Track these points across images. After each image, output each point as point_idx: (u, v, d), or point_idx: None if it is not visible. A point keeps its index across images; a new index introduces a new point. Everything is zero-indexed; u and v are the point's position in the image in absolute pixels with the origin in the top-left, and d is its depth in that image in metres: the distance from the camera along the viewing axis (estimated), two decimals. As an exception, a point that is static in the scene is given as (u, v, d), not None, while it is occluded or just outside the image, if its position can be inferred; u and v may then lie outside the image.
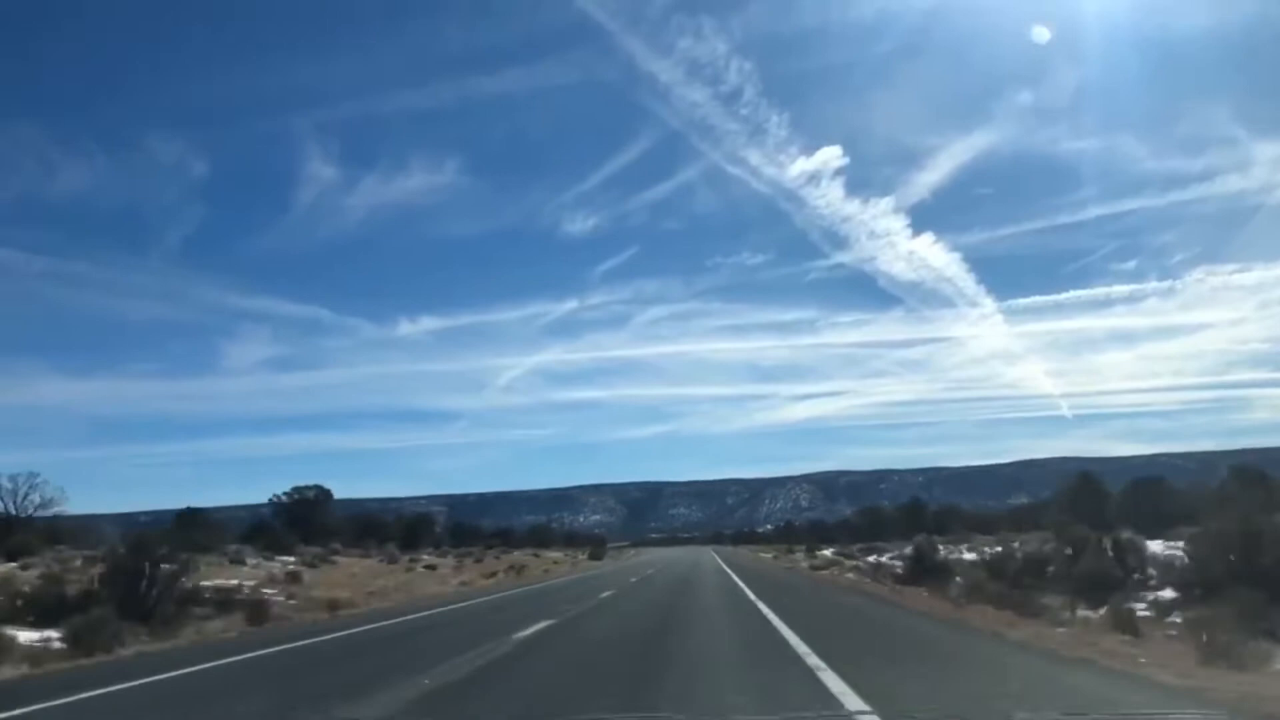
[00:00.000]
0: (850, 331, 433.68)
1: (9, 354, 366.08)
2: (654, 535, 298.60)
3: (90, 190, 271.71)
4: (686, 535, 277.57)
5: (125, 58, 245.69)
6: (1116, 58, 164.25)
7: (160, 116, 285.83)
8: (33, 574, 26.96)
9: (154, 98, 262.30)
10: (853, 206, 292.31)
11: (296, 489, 71.31)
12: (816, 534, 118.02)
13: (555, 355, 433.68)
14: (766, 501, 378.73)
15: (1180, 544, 23.67)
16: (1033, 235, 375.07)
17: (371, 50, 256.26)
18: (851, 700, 6.75)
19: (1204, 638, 9.92)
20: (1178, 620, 14.87)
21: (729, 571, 38.63)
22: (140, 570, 18.42)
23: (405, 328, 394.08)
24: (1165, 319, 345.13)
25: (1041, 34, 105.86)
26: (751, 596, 21.46)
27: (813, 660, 9.15)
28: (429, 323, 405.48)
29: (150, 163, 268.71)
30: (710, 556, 69.94)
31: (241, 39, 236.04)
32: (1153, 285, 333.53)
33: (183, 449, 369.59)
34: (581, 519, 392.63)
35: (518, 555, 69.11)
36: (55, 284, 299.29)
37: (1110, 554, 23.83)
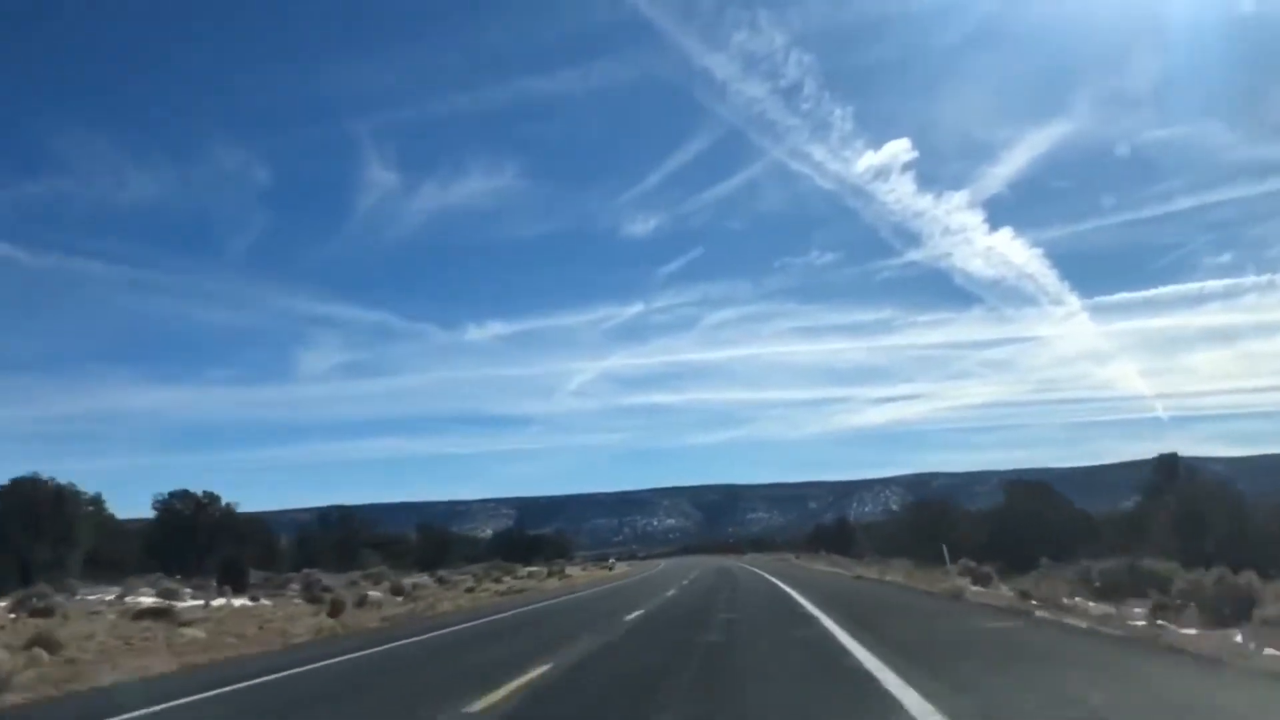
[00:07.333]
0: (929, 332, 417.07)
1: (93, 361, 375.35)
2: (730, 540, 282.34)
3: (159, 200, 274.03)
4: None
5: (186, 67, 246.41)
6: (1203, 38, 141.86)
7: (222, 125, 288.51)
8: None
9: (215, 106, 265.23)
10: (924, 201, 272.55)
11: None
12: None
13: (624, 359, 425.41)
14: (854, 504, 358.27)
15: None
16: (1118, 229, 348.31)
17: (423, 54, 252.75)
18: None
19: None
20: None
21: None
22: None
23: (473, 332, 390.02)
24: (1266, 315, 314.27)
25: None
26: None
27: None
28: (496, 327, 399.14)
29: (215, 171, 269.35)
30: None
31: (296, 46, 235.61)
32: (1251, 280, 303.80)
33: (260, 455, 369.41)
34: (655, 523, 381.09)
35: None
36: (133, 292, 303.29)
37: None
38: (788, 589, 27.97)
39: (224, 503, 48.73)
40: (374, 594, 40.43)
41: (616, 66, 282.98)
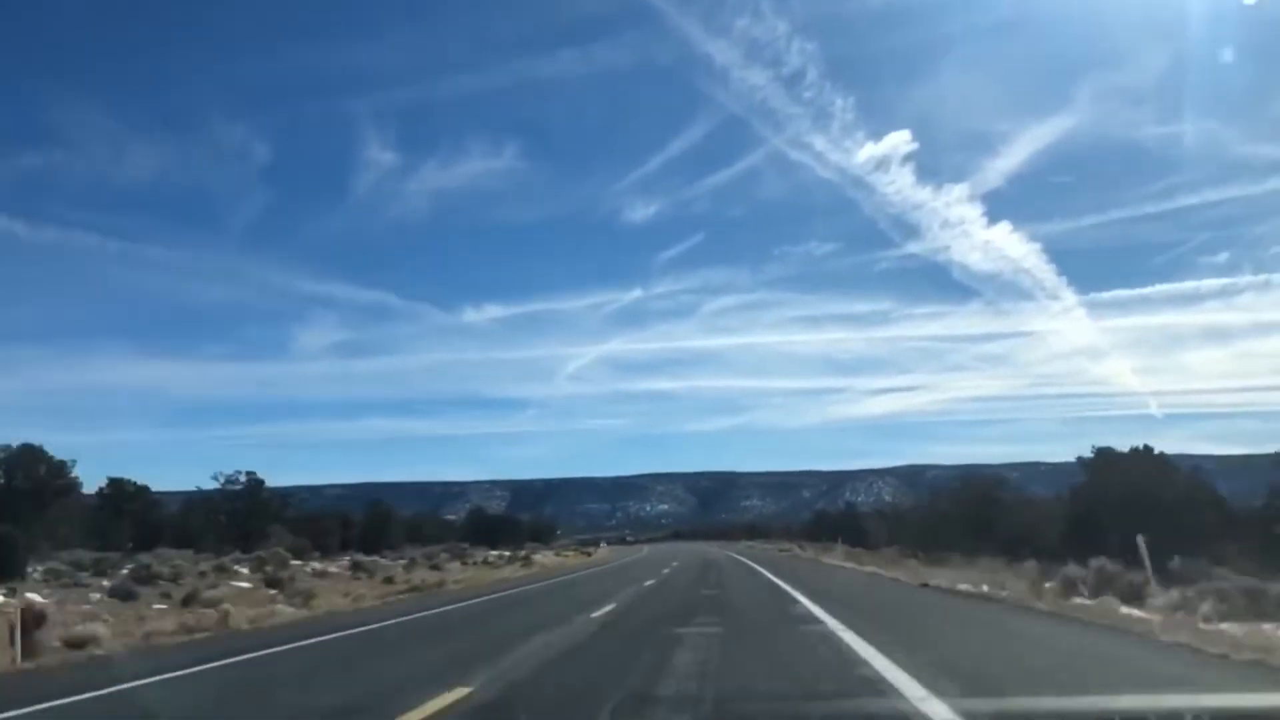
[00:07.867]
0: (926, 324, 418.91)
1: (91, 336, 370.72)
2: (722, 527, 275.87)
3: (158, 175, 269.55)
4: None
5: (186, 41, 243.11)
6: (1207, 34, 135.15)
7: (222, 100, 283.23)
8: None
9: (215, 81, 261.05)
10: (924, 194, 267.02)
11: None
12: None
13: (622, 345, 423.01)
14: (847, 494, 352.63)
15: None
16: (1116, 225, 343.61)
17: (425, 34, 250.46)
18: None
19: None
20: None
21: None
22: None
23: (471, 314, 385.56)
24: (1262, 315, 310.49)
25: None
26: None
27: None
28: (494, 310, 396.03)
29: (214, 147, 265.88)
30: None
31: (297, 23, 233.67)
32: (1247, 279, 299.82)
33: (255, 431, 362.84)
34: (648, 508, 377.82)
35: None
36: (131, 267, 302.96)
37: None
38: (815, 607, 17.51)
39: (58, 463, 38.14)
40: (243, 584, 30.40)
41: (618, 50, 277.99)
